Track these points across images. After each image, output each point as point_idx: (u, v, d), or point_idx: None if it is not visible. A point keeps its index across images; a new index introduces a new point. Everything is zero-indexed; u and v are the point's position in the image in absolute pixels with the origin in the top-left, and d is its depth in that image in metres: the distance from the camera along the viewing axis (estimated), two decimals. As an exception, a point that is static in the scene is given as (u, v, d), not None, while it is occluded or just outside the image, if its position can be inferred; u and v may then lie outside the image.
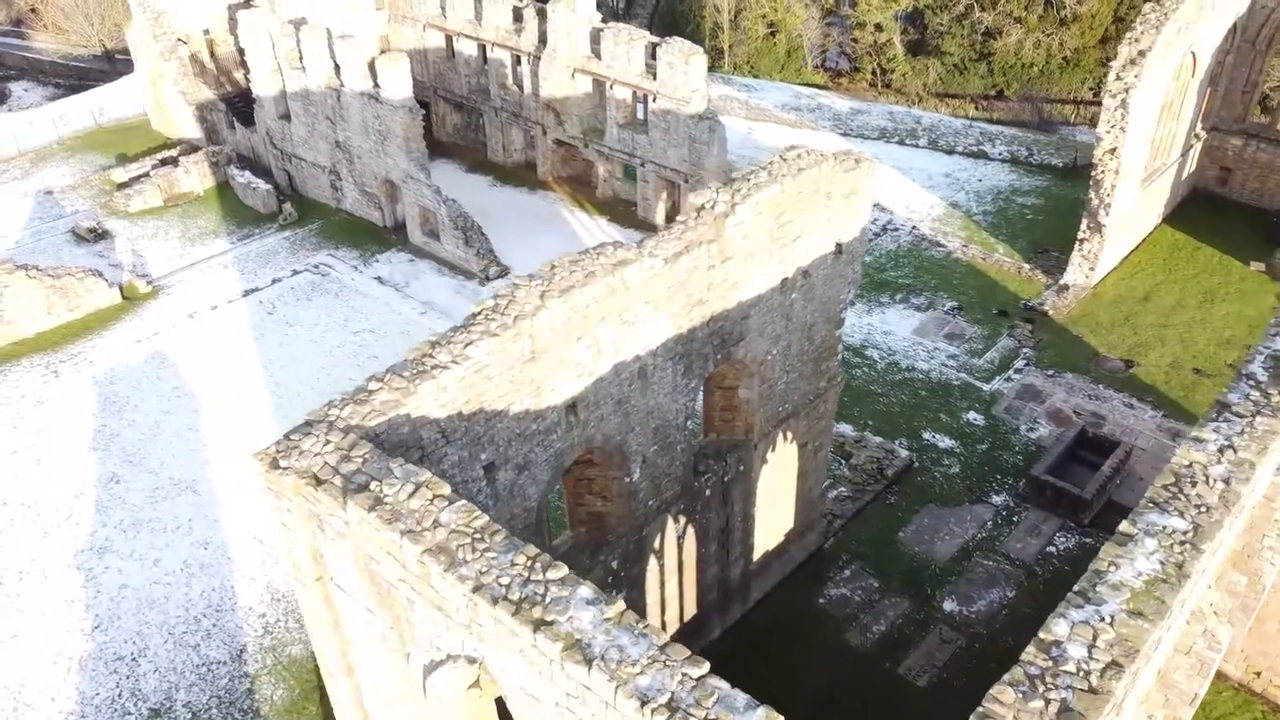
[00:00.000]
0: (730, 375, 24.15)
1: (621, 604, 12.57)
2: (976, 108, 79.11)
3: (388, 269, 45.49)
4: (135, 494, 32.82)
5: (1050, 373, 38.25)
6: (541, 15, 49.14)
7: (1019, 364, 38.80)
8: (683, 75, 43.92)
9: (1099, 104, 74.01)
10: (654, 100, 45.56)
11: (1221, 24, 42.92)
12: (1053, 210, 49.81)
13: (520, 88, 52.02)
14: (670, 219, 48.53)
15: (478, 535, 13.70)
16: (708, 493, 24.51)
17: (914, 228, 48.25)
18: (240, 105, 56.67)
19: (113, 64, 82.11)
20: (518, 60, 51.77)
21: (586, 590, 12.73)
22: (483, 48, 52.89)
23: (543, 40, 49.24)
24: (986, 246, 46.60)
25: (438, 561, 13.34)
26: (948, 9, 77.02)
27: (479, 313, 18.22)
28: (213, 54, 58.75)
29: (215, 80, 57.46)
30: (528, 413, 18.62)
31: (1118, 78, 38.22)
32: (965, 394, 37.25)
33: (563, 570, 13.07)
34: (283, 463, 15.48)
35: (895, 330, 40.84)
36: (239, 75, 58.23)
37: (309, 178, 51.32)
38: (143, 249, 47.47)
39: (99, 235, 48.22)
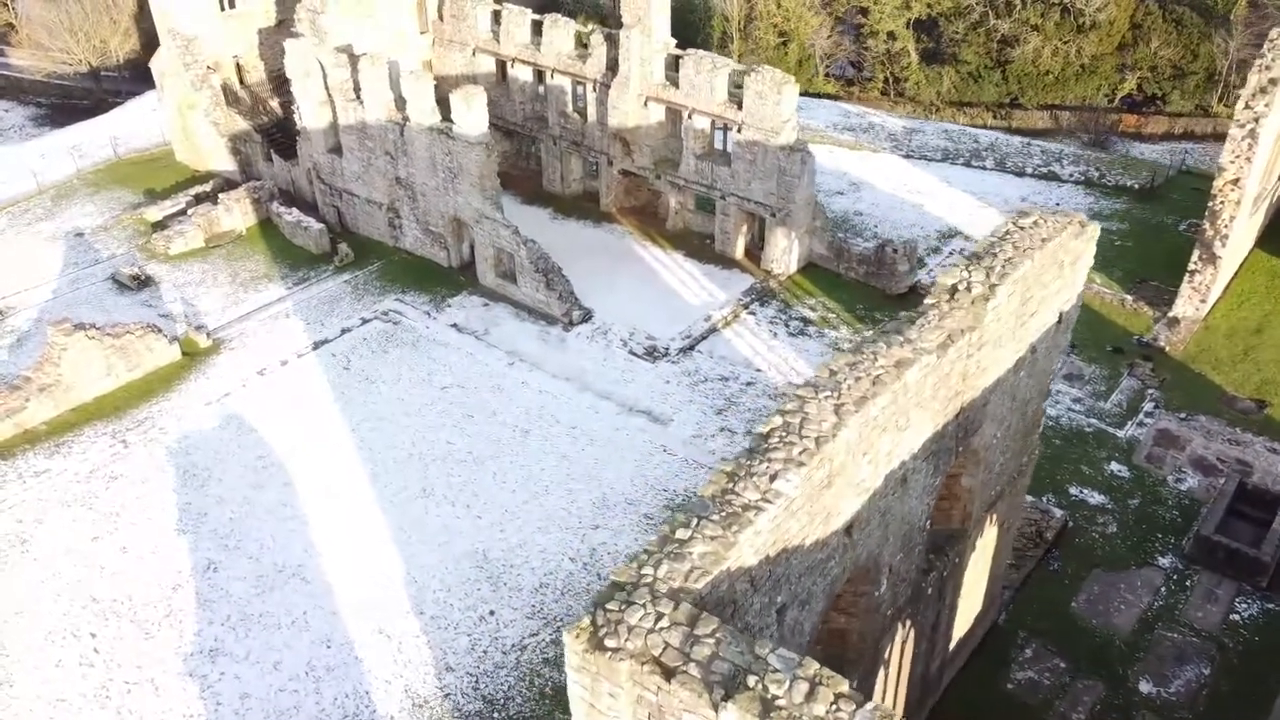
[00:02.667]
0: (957, 464, 22.00)
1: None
2: (994, 116, 77.90)
3: (462, 314, 42.78)
4: (238, 584, 29.96)
5: (1183, 415, 36.58)
6: (610, 41, 46.68)
7: (1147, 406, 37.10)
8: (773, 105, 41.73)
9: (1114, 111, 74.21)
10: (738, 130, 43.30)
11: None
12: (1139, 235, 48.31)
13: (583, 116, 49.50)
14: (749, 253, 46.52)
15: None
16: (929, 590, 22.36)
17: (1004, 257, 46.32)
18: (278, 136, 53.58)
19: (99, 83, 78.31)
20: (579, 87, 49.27)
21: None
22: (539, 73, 50.29)
23: (611, 67, 46.78)
24: (1083, 276, 44.79)
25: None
26: (963, 16, 75.81)
27: (769, 433, 15.90)
28: (242, 81, 55.55)
29: (250, 110, 54.28)
30: (816, 543, 16.34)
31: (1247, 106, 36.61)
32: (1101, 441, 35.45)
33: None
34: (610, 642, 13.00)
35: (1011, 372, 38.86)
36: (274, 104, 55.10)
37: (362, 215, 48.40)
38: (192, 297, 44.33)
39: (142, 282, 44.99)
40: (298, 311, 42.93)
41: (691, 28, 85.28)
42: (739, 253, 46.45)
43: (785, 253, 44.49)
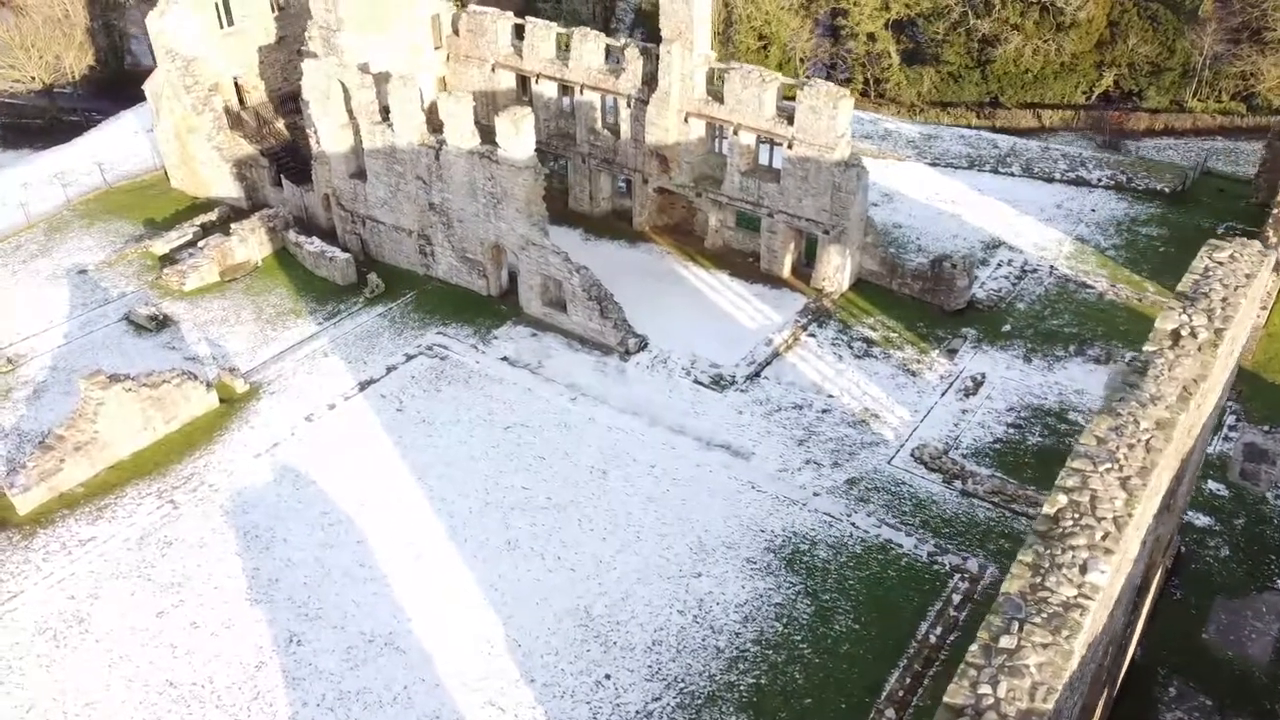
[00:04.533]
0: (1152, 513, 20.82)
1: None
2: (978, 116, 77.90)
3: (512, 347, 40.73)
4: (327, 658, 27.73)
5: (1266, 428, 36.08)
6: (646, 55, 44.94)
7: (1229, 420, 36.51)
8: (828, 120, 40.40)
9: (1092, 108, 74.64)
10: (788, 146, 41.89)
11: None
12: (1180, 241, 47.92)
13: (614, 132, 47.69)
14: (796, 271, 45.15)
15: None
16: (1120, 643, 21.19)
17: (1052, 268, 45.74)
18: (287, 160, 50.89)
19: (53, 100, 74.39)
20: (609, 103, 47.49)
21: None
22: (564, 89, 48.36)
23: (647, 82, 45.04)
24: (1134, 286, 44.38)
25: None
26: (942, 17, 75.83)
27: (1057, 514, 14.44)
28: (243, 103, 52.69)
29: (255, 133, 51.46)
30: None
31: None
32: (1192, 459, 34.71)
33: None
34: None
35: (1086, 388, 38.13)
36: (280, 125, 52.36)
37: (388, 242, 46.01)
38: (217, 336, 41.61)
39: (160, 323, 42.12)
40: (335, 349, 40.49)
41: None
42: (786, 271, 45.06)
43: (838, 271, 43.22)
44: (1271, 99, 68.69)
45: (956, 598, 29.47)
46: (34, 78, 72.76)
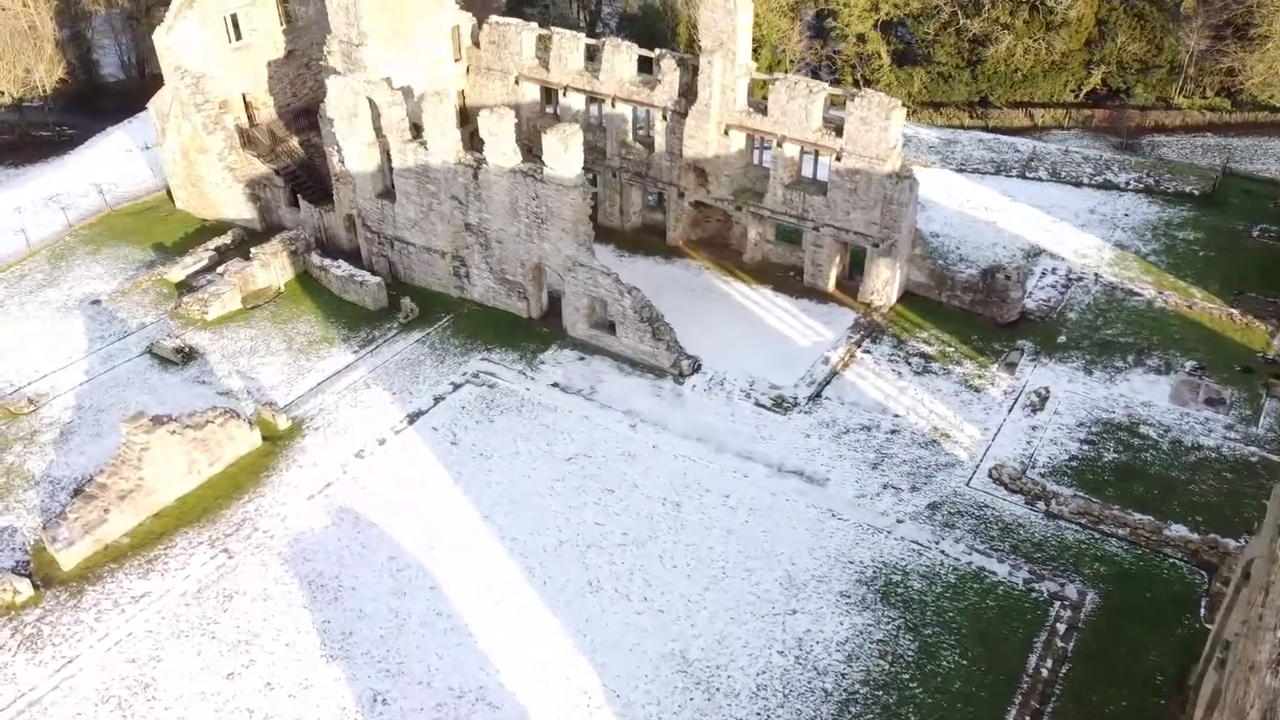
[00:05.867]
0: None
1: None
2: (971, 116, 77.89)
3: (560, 372, 39.28)
4: (417, 717, 26.16)
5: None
6: (683, 66, 43.69)
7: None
8: (879, 131, 39.46)
9: (1084, 106, 74.74)
10: (837, 158, 40.88)
11: None
12: (1218, 244, 47.73)
13: (647, 145, 46.38)
14: (841, 285, 44.18)
15: None
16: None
17: (1097, 275, 45.21)
18: (304, 179, 48.94)
19: (22, 115, 71.35)
20: (640, 115, 46.20)
21: None
22: (592, 101, 46.95)
23: (684, 94, 43.78)
24: (1181, 292, 43.97)
25: None
26: (932, 17, 75.76)
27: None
28: (252, 120, 50.62)
29: (269, 151, 49.42)
30: None
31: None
32: (1271, 470, 34.21)
33: None
34: None
35: (1152, 400, 37.55)
36: (294, 143, 50.37)
37: (418, 264, 44.29)
38: (248, 369, 39.68)
39: (187, 355, 40.09)
40: (377, 379, 38.77)
41: (660, 36, 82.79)
42: (831, 285, 44.06)
43: (887, 284, 42.29)
44: (1256, 94, 69.16)
45: (1061, 627, 28.60)
46: (3, 92, 69.65)
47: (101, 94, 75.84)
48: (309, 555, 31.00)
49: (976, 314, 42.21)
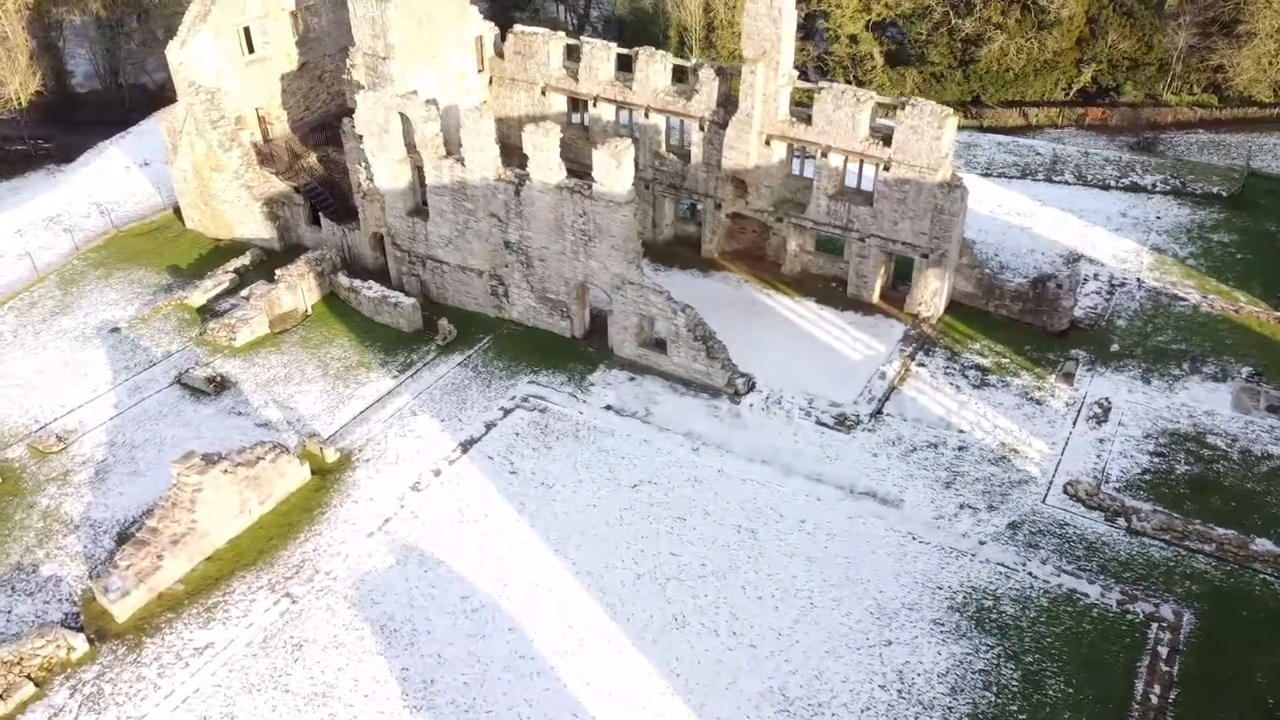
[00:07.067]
0: None
1: None
2: (966, 115, 77.72)
3: (612, 393, 38.09)
4: (514, 770, 24.91)
5: None
6: (721, 75, 42.66)
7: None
8: (931, 140, 38.71)
9: (1074, 105, 74.84)
10: (884, 168, 40.07)
11: None
12: (1254, 246, 47.62)
13: (682, 156, 45.31)
14: (885, 296, 43.40)
15: None
16: None
17: (1139, 281, 44.83)
18: (325, 197, 47.25)
19: None
20: (674, 126, 45.10)
21: None
22: (622, 111, 45.75)
23: (722, 104, 42.76)
24: (1225, 296, 43.72)
25: None
26: (923, 18, 75.66)
27: None
28: (266, 136, 48.84)
29: (287, 168, 47.68)
30: None
31: None
32: (1344, 479, 33.94)
33: None
34: None
35: (1214, 409, 37.14)
36: (312, 159, 48.65)
37: (452, 284, 42.85)
38: (285, 398, 38.06)
39: (219, 385, 38.38)
40: (423, 406, 37.34)
41: (653, 39, 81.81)
42: (876, 296, 43.27)
43: (935, 294, 41.57)
44: (1244, 91, 69.50)
45: (1163, 650, 27.95)
46: (-22, 105, 67.02)
47: (76, 105, 73.21)
48: (377, 597, 29.57)
49: (1025, 323, 41.61)
